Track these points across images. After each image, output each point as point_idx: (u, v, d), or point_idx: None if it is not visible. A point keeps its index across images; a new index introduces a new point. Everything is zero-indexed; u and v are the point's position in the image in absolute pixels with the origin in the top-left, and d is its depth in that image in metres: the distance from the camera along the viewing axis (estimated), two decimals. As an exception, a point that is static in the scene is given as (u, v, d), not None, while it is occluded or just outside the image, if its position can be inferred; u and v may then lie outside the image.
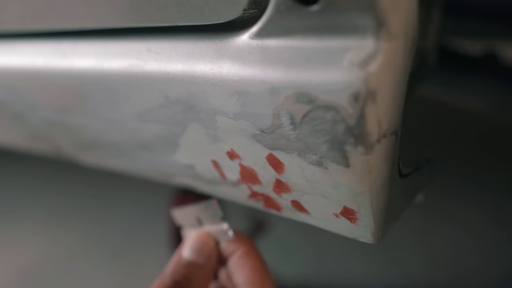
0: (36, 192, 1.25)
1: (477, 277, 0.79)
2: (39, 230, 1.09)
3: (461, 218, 0.93)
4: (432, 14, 0.44)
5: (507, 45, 0.57)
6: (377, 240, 0.27)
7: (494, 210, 0.93)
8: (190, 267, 0.30)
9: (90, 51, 0.32)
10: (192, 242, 0.31)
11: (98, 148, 0.38)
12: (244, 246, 0.31)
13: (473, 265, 0.81)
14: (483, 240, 0.87)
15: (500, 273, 0.79)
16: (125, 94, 0.30)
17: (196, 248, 0.31)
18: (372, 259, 0.85)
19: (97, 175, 0.82)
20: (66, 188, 1.25)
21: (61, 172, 1.27)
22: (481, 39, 0.58)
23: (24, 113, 0.40)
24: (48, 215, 1.14)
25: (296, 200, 0.28)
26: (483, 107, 0.66)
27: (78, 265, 0.96)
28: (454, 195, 0.97)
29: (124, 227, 1.05)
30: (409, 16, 0.20)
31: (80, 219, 1.11)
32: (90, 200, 1.18)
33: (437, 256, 0.85)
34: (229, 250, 0.31)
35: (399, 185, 0.26)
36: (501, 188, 0.95)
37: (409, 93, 0.24)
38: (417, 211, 0.56)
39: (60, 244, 1.03)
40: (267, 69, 0.22)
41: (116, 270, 0.92)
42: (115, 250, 0.98)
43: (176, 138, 0.30)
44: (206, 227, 0.32)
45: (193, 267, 0.30)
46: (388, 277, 0.82)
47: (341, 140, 0.21)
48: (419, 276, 0.81)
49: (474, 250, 0.85)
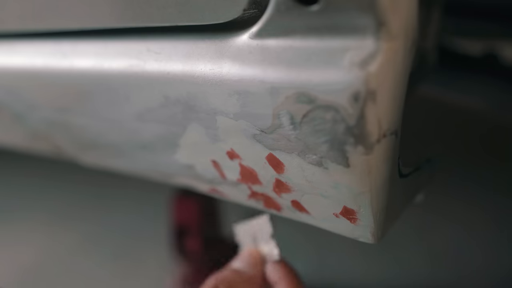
0: (36, 192, 1.25)
1: (478, 276, 0.79)
2: (40, 229, 1.09)
3: (461, 218, 0.92)
4: (432, 14, 0.44)
5: (507, 45, 0.57)
6: (377, 240, 0.27)
7: (495, 210, 0.93)
8: (235, 274, 0.32)
9: (90, 51, 0.32)
10: (242, 254, 0.34)
11: (98, 148, 0.38)
12: (288, 278, 0.31)
13: (474, 264, 0.81)
14: (483, 239, 0.87)
15: (500, 272, 0.79)
16: (125, 94, 0.30)
17: (244, 259, 0.33)
18: (372, 259, 0.85)
19: (98, 175, 0.82)
20: (67, 188, 1.25)
21: (62, 172, 1.27)
22: (481, 39, 0.58)
23: (24, 113, 0.40)
24: (49, 214, 1.14)
25: (296, 200, 0.28)
26: (483, 107, 0.66)
27: (79, 264, 0.96)
28: (454, 195, 0.97)
29: (125, 227, 1.05)
30: (409, 16, 0.20)
31: (81, 218, 1.11)
32: (91, 200, 1.18)
33: (438, 255, 0.85)
34: (274, 277, 0.32)
35: (399, 185, 0.26)
36: (502, 187, 0.95)
37: (409, 93, 0.24)
38: (417, 211, 0.56)
39: (61, 243, 1.03)
40: (267, 69, 0.22)
41: (117, 269, 0.92)
42: (116, 250, 0.98)
43: (176, 138, 0.30)
44: (258, 244, 0.34)
45: (237, 274, 0.32)
46: (388, 276, 0.82)
47: (341, 140, 0.21)
48: (420, 276, 0.81)
49: (475, 250, 0.85)
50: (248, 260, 0.33)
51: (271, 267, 0.32)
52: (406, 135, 0.25)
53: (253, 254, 0.33)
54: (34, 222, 1.12)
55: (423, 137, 0.42)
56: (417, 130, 0.37)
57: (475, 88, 0.60)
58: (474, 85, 0.60)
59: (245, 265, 0.33)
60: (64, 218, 1.12)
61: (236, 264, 0.33)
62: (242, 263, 0.33)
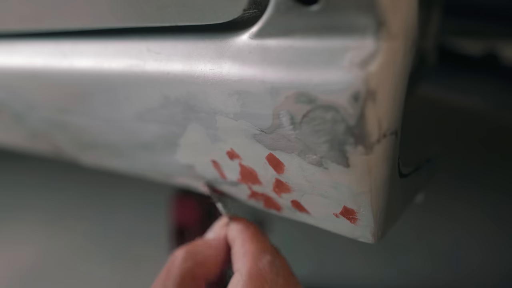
0: (36, 192, 1.25)
1: (478, 276, 0.79)
2: (39, 229, 1.09)
3: (461, 218, 0.93)
4: (432, 14, 0.44)
5: (507, 45, 0.57)
6: (377, 240, 0.27)
7: (495, 210, 0.93)
8: (200, 242, 0.33)
9: (90, 51, 0.32)
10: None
11: (98, 148, 0.38)
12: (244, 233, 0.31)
13: (474, 264, 0.81)
14: (483, 239, 0.87)
15: (500, 272, 0.79)
16: (125, 94, 0.30)
17: (212, 227, 0.34)
18: (372, 259, 0.85)
19: (97, 175, 0.82)
20: (67, 188, 1.25)
21: (61, 172, 1.27)
22: (481, 39, 0.58)
23: (24, 113, 0.40)
24: (48, 214, 1.14)
25: (296, 200, 0.28)
26: (483, 107, 0.67)
27: (78, 264, 0.96)
28: (454, 195, 0.97)
29: (125, 227, 1.05)
30: (409, 16, 0.20)
31: (81, 218, 1.11)
32: (91, 200, 1.18)
33: (438, 255, 0.85)
34: (232, 236, 0.32)
35: (399, 185, 0.26)
36: (501, 187, 0.95)
37: (409, 93, 0.24)
38: (417, 211, 0.56)
39: (60, 244, 1.03)
40: (267, 69, 0.22)
41: (117, 269, 0.92)
42: (116, 250, 0.98)
43: (176, 138, 0.30)
44: None
45: (202, 242, 0.33)
46: (388, 276, 0.82)
47: (341, 140, 0.21)
48: (419, 276, 0.82)
49: (475, 249, 0.85)
50: (214, 227, 0.34)
51: (230, 227, 0.33)
52: (406, 135, 0.25)
53: (219, 221, 0.34)
54: (33, 222, 1.12)
55: (423, 137, 0.42)
56: (417, 130, 0.37)
57: (475, 88, 0.60)
58: (474, 85, 0.60)
59: (212, 232, 0.34)
60: (63, 218, 1.12)
61: (207, 234, 0.34)
62: (210, 232, 0.34)
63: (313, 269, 0.84)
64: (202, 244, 0.32)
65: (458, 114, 0.88)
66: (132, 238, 1.01)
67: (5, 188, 1.29)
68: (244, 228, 0.32)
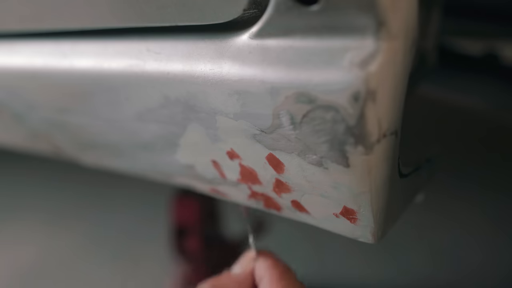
0: (36, 192, 1.25)
1: (478, 276, 0.79)
2: (39, 229, 1.09)
3: (461, 218, 0.93)
4: (432, 14, 0.44)
5: (507, 45, 0.57)
6: (377, 240, 0.27)
7: (495, 210, 0.93)
8: (227, 276, 0.32)
9: (90, 51, 0.32)
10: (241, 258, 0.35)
11: (98, 148, 0.38)
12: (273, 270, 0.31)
13: (474, 264, 0.81)
14: (483, 239, 0.87)
15: (500, 272, 0.79)
16: (125, 94, 0.30)
17: (239, 261, 0.34)
18: (372, 259, 0.85)
19: (97, 175, 0.82)
20: (67, 188, 1.25)
21: (61, 172, 1.27)
22: (481, 39, 0.58)
23: (24, 113, 0.40)
24: (48, 214, 1.14)
25: (296, 200, 0.28)
26: (483, 107, 0.67)
27: (78, 264, 0.96)
28: (454, 194, 0.97)
29: (125, 227, 1.05)
30: (409, 16, 0.20)
31: (81, 218, 1.11)
32: (91, 200, 1.18)
33: (438, 255, 0.85)
34: (260, 272, 0.32)
35: (399, 185, 0.26)
36: (501, 187, 0.95)
37: (409, 93, 0.24)
38: (417, 210, 0.56)
39: (60, 244, 1.03)
40: (267, 69, 0.22)
41: (117, 269, 0.92)
42: (116, 250, 0.98)
43: (176, 138, 0.30)
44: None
45: (229, 277, 0.32)
46: (388, 276, 0.82)
47: (341, 140, 0.21)
48: (419, 276, 0.82)
49: (475, 249, 0.85)
50: (241, 261, 0.34)
51: (258, 263, 0.33)
52: (406, 135, 0.25)
53: (246, 255, 0.34)
54: (33, 222, 1.12)
55: (423, 137, 0.42)
56: (417, 130, 0.37)
57: (475, 88, 0.60)
58: (474, 85, 0.60)
59: (238, 266, 0.33)
60: (63, 218, 1.12)
61: (234, 268, 0.34)
62: (237, 265, 0.34)
63: (313, 269, 0.84)
64: (228, 278, 0.32)
65: (458, 114, 0.88)
66: (132, 238, 1.01)
67: (5, 188, 1.29)
68: (273, 266, 0.31)
